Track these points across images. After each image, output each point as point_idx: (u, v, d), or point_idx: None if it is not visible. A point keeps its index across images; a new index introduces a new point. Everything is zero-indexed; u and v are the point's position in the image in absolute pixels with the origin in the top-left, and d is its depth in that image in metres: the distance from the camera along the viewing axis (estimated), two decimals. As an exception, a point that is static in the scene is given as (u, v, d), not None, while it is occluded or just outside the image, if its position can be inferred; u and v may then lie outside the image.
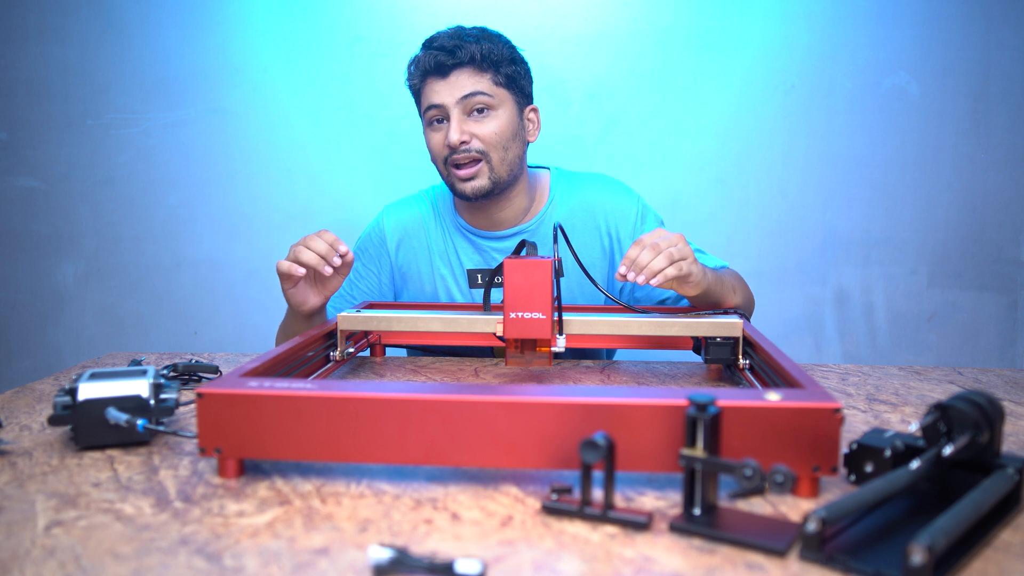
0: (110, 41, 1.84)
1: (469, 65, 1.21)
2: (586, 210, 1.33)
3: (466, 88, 1.21)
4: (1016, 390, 1.02)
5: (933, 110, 1.79)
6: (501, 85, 1.23)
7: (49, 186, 1.89)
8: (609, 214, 1.32)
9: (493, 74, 1.22)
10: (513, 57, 1.25)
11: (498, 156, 1.23)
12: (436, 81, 1.22)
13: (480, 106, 1.22)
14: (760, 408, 0.63)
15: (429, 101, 1.23)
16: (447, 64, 1.20)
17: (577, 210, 1.33)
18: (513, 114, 1.25)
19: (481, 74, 1.22)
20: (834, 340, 1.86)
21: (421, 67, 1.24)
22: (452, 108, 1.21)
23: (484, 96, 1.21)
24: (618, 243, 1.32)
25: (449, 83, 1.21)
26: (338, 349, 1.07)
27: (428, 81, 1.23)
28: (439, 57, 1.21)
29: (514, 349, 1.01)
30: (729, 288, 1.19)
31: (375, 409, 0.65)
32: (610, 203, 1.33)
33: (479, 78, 1.21)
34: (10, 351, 1.94)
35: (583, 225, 1.32)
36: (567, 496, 0.61)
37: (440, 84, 1.22)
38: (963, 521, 0.52)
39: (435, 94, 1.22)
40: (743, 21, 1.78)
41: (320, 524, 0.59)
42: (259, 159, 1.86)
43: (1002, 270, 1.82)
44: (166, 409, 0.76)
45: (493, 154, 1.23)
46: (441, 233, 1.36)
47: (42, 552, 0.54)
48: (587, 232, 1.32)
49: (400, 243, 1.36)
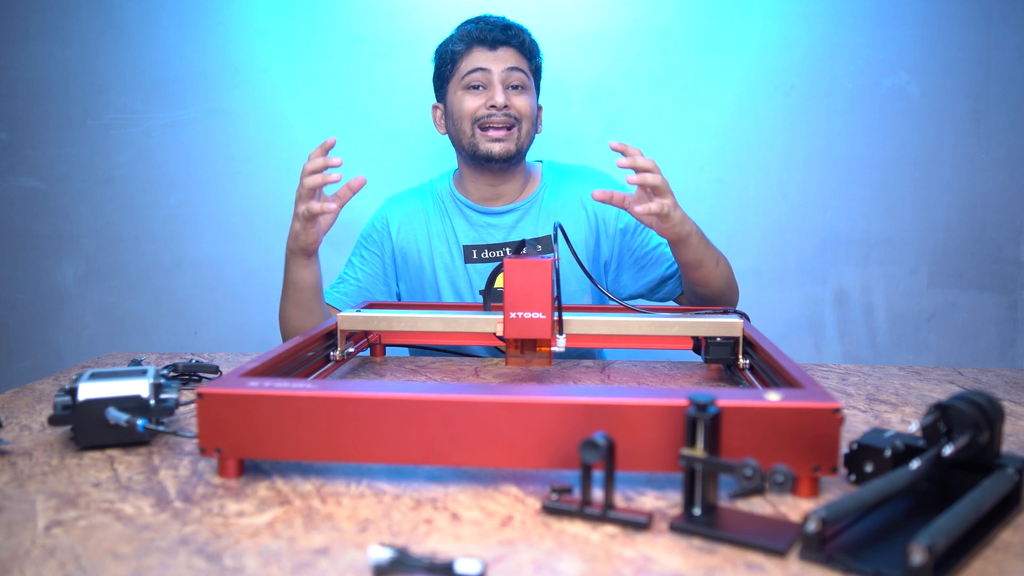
0: (110, 41, 1.84)
1: (518, 47, 1.37)
2: (575, 194, 1.44)
3: (511, 62, 1.36)
4: (1016, 390, 1.02)
5: (933, 110, 1.79)
6: (532, 73, 1.40)
7: (49, 186, 1.89)
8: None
9: (529, 62, 1.39)
10: (540, 56, 1.43)
11: (527, 127, 1.38)
12: (484, 51, 1.36)
13: (517, 83, 1.37)
14: (760, 408, 0.63)
15: (474, 65, 1.36)
16: (499, 39, 1.35)
17: (567, 194, 1.44)
18: (535, 99, 1.42)
19: (522, 58, 1.38)
20: (834, 340, 1.86)
21: (472, 35, 1.36)
22: (497, 74, 1.35)
23: (524, 75, 1.37)
24: (603, 223, 1.43)
25: (497, 55, 1.36)
26: (338, 349, 1.07)
27: (475, 49, 1.36)
28: (493, 32, 1.35)
29: (514, 349, 1.01)
30: (713, 257, 1.26)
31: (375, 409, 0.65)
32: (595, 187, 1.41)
33: (521, 59, 1.38)
34: (10, 351, 1.94)
35: (571, 207, 1.43)
36: (567, 496, 0.61)
37: (489, 54, 1.36)
38: (963, 521, 0.52)
39: (483, 60, 1.36)
40: (743, 21, 1.78)
41: (320, 524, 0.59)
42: (259, 159, 1.86)
43: (1002, 270, 1.82)
44: (166, 409, 0.76)
45: (525, 124, 1.37)
46: (439, 215, 1.45)
47: (42, 552, 0.54)
48: (575, 213, 1.42)
49: (400, 227, 1.45)
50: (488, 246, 1.41)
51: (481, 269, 1.40)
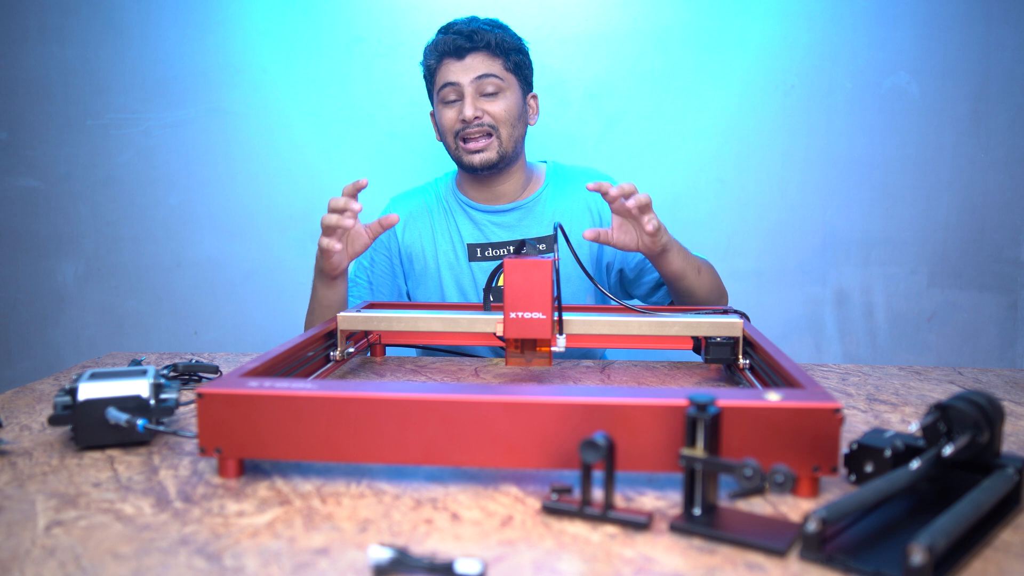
0: (110, 41, 1.84)
1: (484, 50, 1.33)
2: (578, 196, 1.45)
3: (480, 70, 1.33)
4: (1016, 390, 1.02)
5: (933, 110, 1.79)
6: (510, 71, 1.36)
7: (49, 186, 1.89)
8: (597, 200, 1.43)
9: (504, 60, 1.35)
10: (520, 47, 1.39)
11: (506, 132, 1.36)
12: (453, 62, 1.34)
13: (491, 87, 1.34)
14: (760, 408, 0.63)
15: (445, 79, 1.35)
16: (464, 47, 1.33)
17: (570, 195, 1.45)
18: (519, 97, 1.38)
19: (494, 59, 1.34)
20: (834, 340, 1.86)
21: (439, 49, 1.35)
22: (467, 87, 1.33)
23: (495, 78, 1.34)
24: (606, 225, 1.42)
25: (465, 65, 1.33)
26: (338, 349, 1.07)
27: (445, 62, 1.35)
28: (457, 41, 1.32)
29: (514, 349, 1.01)
30: (694, 266, 1.27)
31: (375, 409, 0.65)
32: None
33: (492, 62, 1.34)
34: (10, 351, 1.94)
35: (575, 208, 1.43)
36: (567, 496, 0.61)
37: (456, 65, 1.34)
38: (963, 521, 0.52)
39: (451, 73, 1.34)
40: (743, 21, 1.78)
41: (320, 524, 0.59)
42: (259, 159, 1.86)
43: (1002, 270, 1.82)
44: (166, 409, 0.76)
45: (502, 130, 1.35)
46: (443, 214, 1.46)
47: (42, 552, 0.54)
48: (579, 214, 1.42)
49: (406, 226, 1.46)
50: (492, 244, 1.41)
51: (485, 267, 1.41)
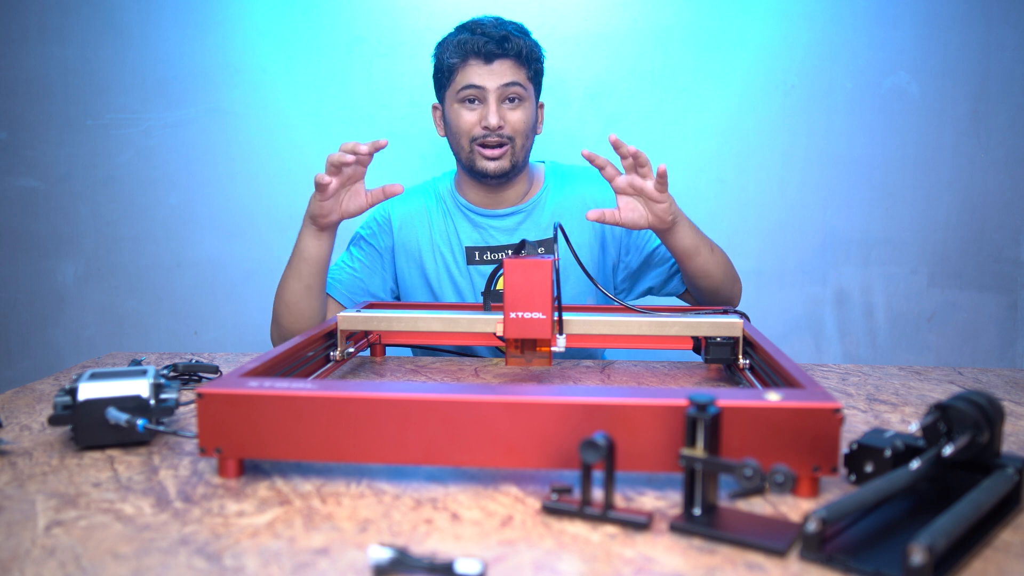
0: (110, 41, 1.84)
1: (514, 58, 1.32)
2: (577, 195, 1.43)
3: (508, 77, 1.31)
4: (1016, 390, 1.02)
5: (933, 110, 1.79)
6: (530, 79, 1.35)
7: (49, 186, 1.89)
8: (597, 198, 1.42)
9: (527, 69, 1.34)
10: (541, 56, 1.38)
11: (521, 142, 1.35)
12: (480, 65, 1.31)
13: (514, 96, 1.33)
14: (760, 408, 0.63)
15: (469, 81, 1.31)
16: (495, 52, 1.30)
17: (570, 195, 1.43)
18: (534, 107, 1.38)
19: (520, 67, 1.33)
20: (834, 340, 1.86)
21: (466, 48, 1.31)
22: (492, 92, 1.31)
23: (519, 87, 1.33)
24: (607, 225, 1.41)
25: (492, 70, 1.31)
26: (338, 349, 1.07)
27: (470, 62, 1.31)
28: (488, 45, 1.30)
29: (514, 349, 1.01)
30: (707, 244, 1.26)
31: (375, 409, 0.65)
32: (598, 190, 1.43)
33: (518, 71, 1.33)
34: (10, 351, 1.94)
35: (575, 209, 1.41)
36: (567, 496, 0.61)
37: (484, 68, 1.31)
38: (963, 521, 0.52)
39: (477, 76, 1.31)
40: (743, 21, 1.78)
41: (320, 524, 0.59)
42: (259, 159, 1.86)
43: (1002, 270, 1.82)
44: (166, 409, 0.76)
45: (518, 140, 1.34)
46: (442, 215, 1.44)
47: (42, 552, 0.54)
48: (579, 215, 1.40)
49: (402, 225, 1.43)
50: (491, 248, 1.40)
51: (483, 271, 1.40)
